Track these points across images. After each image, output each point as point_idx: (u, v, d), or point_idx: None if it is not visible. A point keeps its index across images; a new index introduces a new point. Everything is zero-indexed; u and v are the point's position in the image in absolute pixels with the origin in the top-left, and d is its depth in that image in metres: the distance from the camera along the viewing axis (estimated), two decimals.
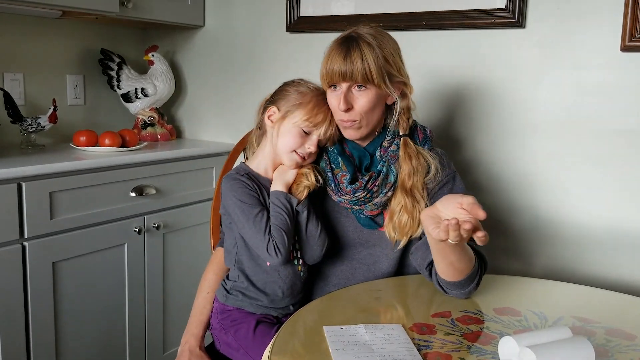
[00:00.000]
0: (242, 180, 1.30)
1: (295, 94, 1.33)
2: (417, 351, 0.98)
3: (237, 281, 1.35)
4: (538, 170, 1.75)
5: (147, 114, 2.32)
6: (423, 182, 1.31)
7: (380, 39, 1.28)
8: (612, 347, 1.02)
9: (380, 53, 1.26)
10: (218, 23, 2.36)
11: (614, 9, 1.58)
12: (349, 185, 1.32)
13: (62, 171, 1.71)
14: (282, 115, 1.32)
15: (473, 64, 1.80)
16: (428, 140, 1.37)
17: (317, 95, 1.33)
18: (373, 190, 1.31)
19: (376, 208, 1.33)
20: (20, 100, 2.08)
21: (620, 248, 1.65)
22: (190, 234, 2.14)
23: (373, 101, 1.28)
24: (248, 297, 1.34)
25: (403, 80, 1.31)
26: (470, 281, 1.20)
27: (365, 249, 1.37)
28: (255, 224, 1.26)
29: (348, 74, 1.25)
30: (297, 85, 1.36)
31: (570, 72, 1.67)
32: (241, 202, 1.28)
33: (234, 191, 1.29)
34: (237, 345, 1.33)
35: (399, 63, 1.30)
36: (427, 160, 1.32)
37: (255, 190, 1.30)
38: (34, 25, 2.11)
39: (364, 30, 1.29)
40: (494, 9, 1.74)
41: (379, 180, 1.32)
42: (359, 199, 1.31)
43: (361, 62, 1.24)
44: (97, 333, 1.88)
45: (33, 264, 1.66)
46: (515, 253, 1.81)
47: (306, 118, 1.30)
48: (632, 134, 1.60)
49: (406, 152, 1.31)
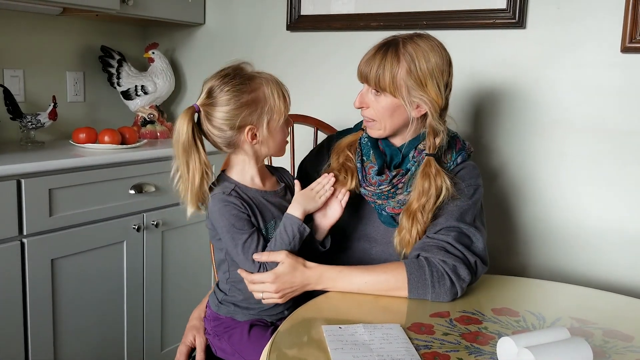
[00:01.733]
0: (230, 201, 1.22)
1: (261, 98, 1.22)
2: (416, 351, 0.98)
3: (228, 295, 1.32)
4: (537, 170, 1.75)
5: (147, 111, 2.32)
6: (433, 204, 1.28)
7: (421, 52, 1.25)
8: (610, 348, 1.03)
9: (407, 65, 1.25)
10: (218, 21, 2.36)
11: (614, 10, 1.59)
12: (375, 177, 1.32)
13: (61, 168, 1.71)
14: (266, 127, 1.23)
15: (473, 65, 1.80)
16: (463, 151, 1.36)
17: (267, 81, 1.24)
18: (398, 187, 1.32)
19: (399, 206, 1.33)
20: (20, 96, 2.08)
21: (618, 249, 1.65)
22: (189, 232, 2.14)
23: (388, 108, 1.29)
24: (241, 308, 1.31)
25: (423, 99, 1.26)
26: (419, 288, 1.20)
27: (379, 246, 1.36)
28: (245, 251, 1.21)
29: (364, 76, 1.29)
30: (242, 84, 1.21)
31: (570, 73, 1.67)
32: (231, 226, 1.21)
33: (223, 215, 1.21)
34: (232, 350, 1.31)
35: (428, 80, 1.25)
36: (445, 183, 1.28)
37: (244, 210, 1.22)
38: (34, 21, 2.11)
39: (411, 39, 1.27)
40: (494, 9, 1.74)
41: (406, 178, 1.32)
42: (382, 192, 1.32)
43: (377, 69, 1.26)
44: (95, 330, 1.88)
45: (32, 260, 1.66)
46: (513, 253, 1.81)
47: (285, 109, 1.25)
48: (632, 135, 1.61)
49: (424, 171, 1.29)
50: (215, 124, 1.22)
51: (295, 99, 2.11)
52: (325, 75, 2.11)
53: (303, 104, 2.07)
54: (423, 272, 1.21)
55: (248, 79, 1.22)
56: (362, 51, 1.36)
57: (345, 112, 1.41)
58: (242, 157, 1.27)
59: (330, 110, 2.01)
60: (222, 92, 1.20)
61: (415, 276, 1.21)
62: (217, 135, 1.23)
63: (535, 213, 1.77)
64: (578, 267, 1.72)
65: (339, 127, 1.88)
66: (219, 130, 1.22)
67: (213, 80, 1.22)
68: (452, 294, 1.21)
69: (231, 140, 1.24)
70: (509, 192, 1.80)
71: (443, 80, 1.28)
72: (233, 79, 1.21)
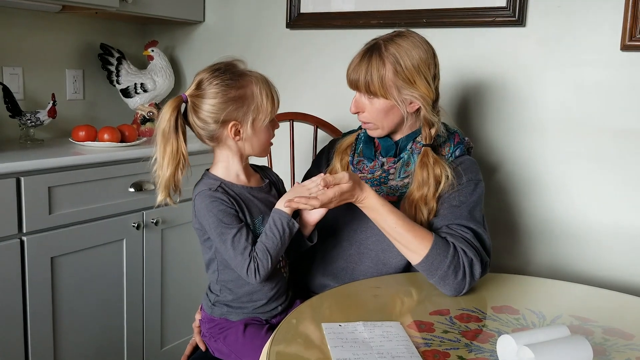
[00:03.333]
0: (217, 197, 1.21)
1: (249, 95, 1.22)
2: (416, 349, 0.98)
3: (219, 296, 1.32)
4: (537, 168, 1.75)
5: (147, 109, 2.32)
6: (434, 192, 1.31)
7: (403, 50, 1.29)
8: (610, 346, 1.03)
9: (393, 67, 1.28)
10: (218, 18, 2.35)
11: (614, 8, 1.58)
12: (368, 164, 1.38)
13: (60, 166, 1.71)
14: (251, 125, 1.23)
15: (473, 63, 1.80)
16: (461, 145, 1.38)
17: (257, 80, 1.24)
18: (390, 172, 1.35)
19: (393, 193, 1.35)
20: (19, 94, 2.08)
21: (618, 247, 1.66)
22: (189, 230, 2.13)
23: (382, 109, 1.33)
24: (233, 308, 1.31)
25: (414, 95, 1.30)
26: (431, 266, 1.21)
27: (375, 235, 1.36)
28: (234, 245, 1.20)
29: (353, 83, 1.34)
30: (231, 79, 1.22)
31: (570, 71, 1.67)
32: (219, 222, 1.20)
33: (210, 211, 1.21)
34: (229, 351, 1.31)
35: (415, 77, 1.29)
36: (444, 171, 1.31)
37: (232, 205, 1.22)
38: (33, 19, 2.11)
39: (392, 39, 1.31)
40: (494, 7, 1.74)
41: (398, 164, 1.35)
42: (374, 177, 1.35)
43: (365, 75, 1.30)
44: (95, 328, 1.88)
45: (31, 258, 1.66)
46: (513, 251, 1.81)
47: (272, 110, 1.25)
48: (632, 133, 1.61)
49: (422, 161, 1.32)
50: (200, 116, 1.23)
51: (295, 96, 2.13)
52: (325, 73, 2.10)
53: (302, 101, 2.07)
54: (446, 254, 1.21)
55: (238, 75, 1.23)
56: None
57: (345, 110, 1.42)
58: (226, 152, 1.28)
59: (330, 108, 2.01)
60: (210, 85, 1.21)
61: (435, 252, 1.21)
62: (200, 127, 1.24)
63: (535, 211, 1.77)
64: (578, 265, 1.72)
65: (338, 124, 1.88)
66: (203, 122, 1.23)
67: (204, 73, 1.24)
68: (456, 289, 1.21)
69: (214, 134, 1.24)
70: (509, 190, 1.80)
71: (430, 73, 1.32)
72: (223, 74, 1.22)
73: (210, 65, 1.25)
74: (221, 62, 1.25)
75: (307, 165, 1.63)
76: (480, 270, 1.23)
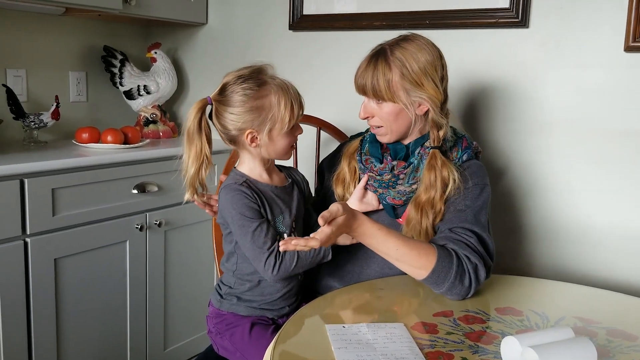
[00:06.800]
0: (242, 190, 1.26)
1: (267, 106, 1.25)
2: (420, 350, 0.98)
3: (232, 287, 1.34)
4: (540, 169, 1.75)
5: (150, 111, 2.32)
6: (442, 195, 1.31)
7: (409, 54, 1.30)
8: (614, 347, 1.03)
9: (399, 70, 1.29)
10: (221, 20, 2.36)
11: (617, 9, 1.58)
12: (377, 164, 1.38)
13: (64, 168, 1.71)
14: (267, 134, 1.26)
15: (476, 64, 1.80)
16: (469, 149, 1.38)
17: (277, 90, 1.26)
18: (399, 177, 1.35)
19: (399, 197, 1.35)
20: (23, 96, 2.08)
21: (622, 249, 1.65)
22: (192, 232, 2.14)
23: (392, 113, 1.33)
24: (243, 300, 1.33)
25: (423, 97, 1.31)
26: (438, 278, 1.20)
27: None
28: (254, 239, 1.23)
29: (361, 89, 1.35)
30: (251, 89, 1.25)
31: (573, 72, 1.67)
32: (241, 215, 1.24)
33: (234, 203, 1.25)
34: (234, 349, 1.32)
35: (423, 79, 1.30)
36: (452, 174, 1.31)
37: (255, 200, 1.26)
38: (37, 21, 2.11)
39: (398, 44, 1.31)
40: (497, 9, 1.74)
41: (409, 170, 1.35)
42: (383, 180, 1.35)
43: (372, 80, 1.31)
44: (98, 329, 1.89)
45: (35, 260, 1.66)
46: (517, 253, 1.81)
47: (291, 118, 1.27)
48: (635, 135, 1.60)
49: (430, 163, 1.32)
50: (221, 122, 1.29)
51: None
52: (328, 74, 2.11)
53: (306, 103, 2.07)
54: (451, 265, 1.21)
55: (260, 84, 1.26)
56: (365, 51, 1.37)
57: (349, 112, 1.42)
58: (247, 155, 1.32)
59: (334, 109, 2.01)
60: (232, 93, 1.26)
61: (441, 265, 1.20)
62: (221, 130, 1.30)
63: (539, 213, 1.76)
64: (582, 266, 1.72)
65: (342, 126, 1.88)
66: (224, 127, 1.29)
67: (230, 76, 1.28)
68: (463, 295, 1.21)
69: (233, 138, 1.30)
70: (513, 191, 1.80)
71: (438, 75, 1.32)
72: (245, 82, 1.25)
73: (238, 69, 1.29)
74: (247, 68, 1.29)
75: (310, 166, 1.63)
76: (484, 274, 1.23)
